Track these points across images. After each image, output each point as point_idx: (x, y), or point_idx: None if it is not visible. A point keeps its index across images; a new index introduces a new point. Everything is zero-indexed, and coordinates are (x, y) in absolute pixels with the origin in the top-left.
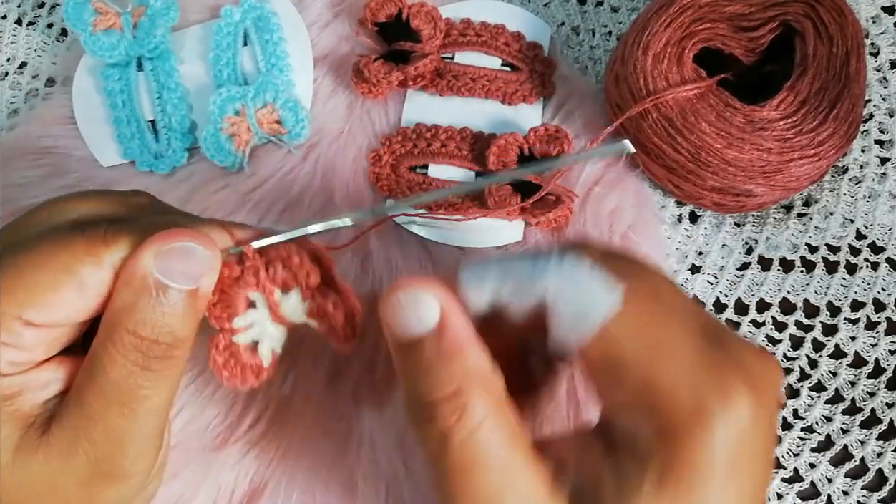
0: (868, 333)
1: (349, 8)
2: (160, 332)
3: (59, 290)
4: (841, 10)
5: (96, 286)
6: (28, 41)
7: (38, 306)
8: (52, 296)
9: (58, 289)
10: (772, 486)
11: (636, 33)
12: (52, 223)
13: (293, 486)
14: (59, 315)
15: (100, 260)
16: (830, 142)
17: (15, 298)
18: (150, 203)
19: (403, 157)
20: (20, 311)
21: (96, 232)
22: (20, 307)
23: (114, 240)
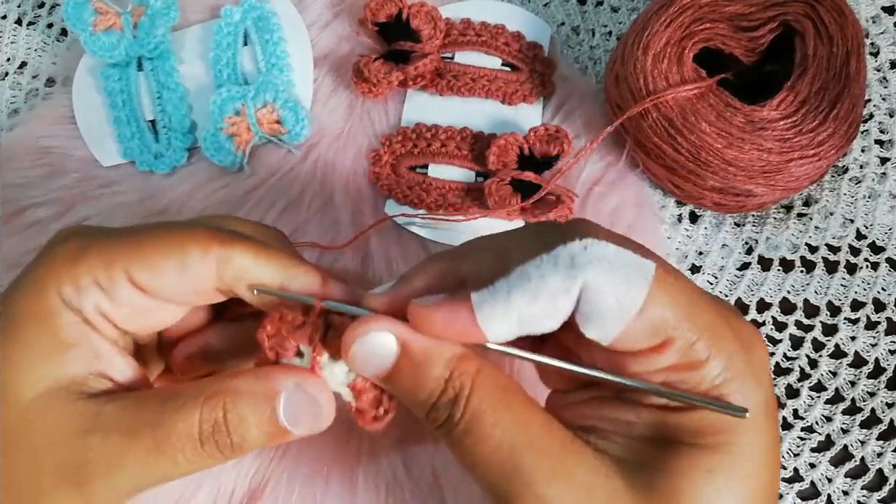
0: (868, 333)
1: (349, 8)
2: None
3: (167, 259)
4: (841, 10)
5: (196, 273)
6: (28, 41)
7: (144, 266)
8: (160, 262)
9: (166, 258)
10: None
11: (636, 33)
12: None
13: (293, 486)
14: (159, 283)
15: (208, 251)
16: (830, 142)
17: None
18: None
19: (403, 157)
20: (128, 264)
21: (218, 230)
22: (129, 261)
23: (229, 243)
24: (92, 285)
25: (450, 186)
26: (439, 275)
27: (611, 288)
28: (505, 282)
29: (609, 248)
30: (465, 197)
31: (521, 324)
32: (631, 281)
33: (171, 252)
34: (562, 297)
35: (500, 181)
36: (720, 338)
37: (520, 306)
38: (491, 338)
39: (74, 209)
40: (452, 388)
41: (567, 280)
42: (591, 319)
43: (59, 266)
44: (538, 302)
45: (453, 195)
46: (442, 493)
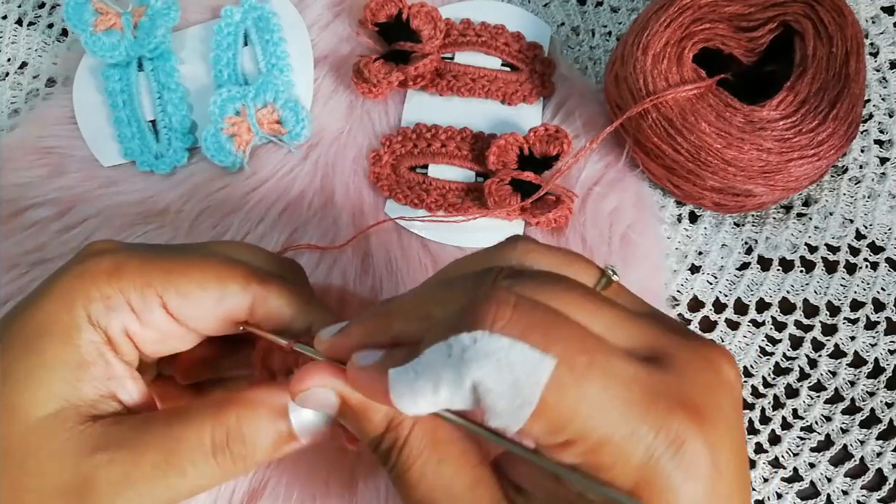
0: (867, 333)
1: (349, 8)
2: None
3: (205, 290)
4: (840, 11)
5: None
6: (29, 41)
7: (181, 293)
8: (198, 292)
9: (205, 289)
10: (771, 486)
11: (636, 33)
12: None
13: (293, 486)
14: (190, 312)
15: (247, 289)
16: (830, 142)
17: (166, 278)
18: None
19: (403, 157)
20: (165, 289)
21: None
22: (165, 286)
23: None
24: (123, 306)
25: (450, 186)
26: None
27: (500, 389)
28: (414, 365)
29: (501, 343)
30: (465, 197)
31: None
32: (521, 383)
33: (209, 284)
34: (458, 393)
35: (499, 181)
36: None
37: (425, 393)
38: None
39: (75, 209)
40: (390, 437)
41: (457, 377)
42: (488, 414)
43: (91, 281)
44: (440, 391)
45: (453, 195)
46: None
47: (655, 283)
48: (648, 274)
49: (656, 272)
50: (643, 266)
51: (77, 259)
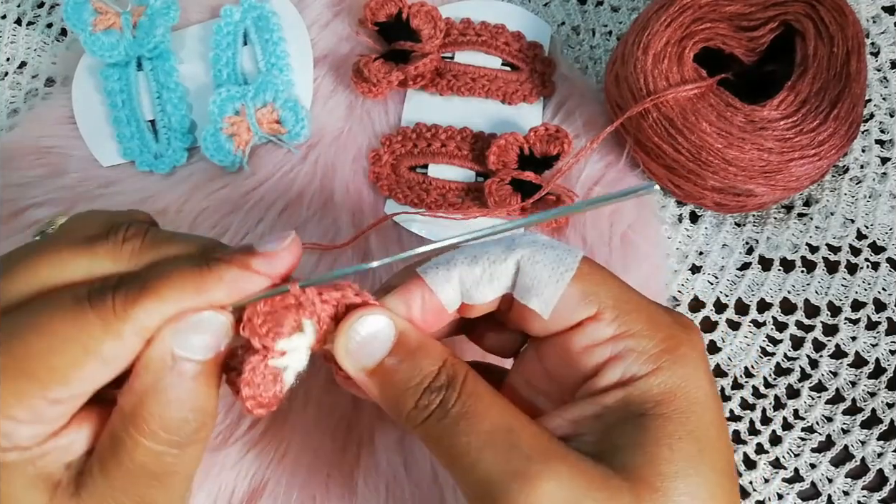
0: (869, 333)
1: (349, 8)
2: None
3: (83, 367)
4: (841, 10)
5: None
6: (28, 41)
7: (63, 384)
8: (77, 373)
9: (82, 367)
10: (772, 486)
11: (636, 33)
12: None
13: (293, 486)
14: (85, 388)
15: (120, 334)
16: (831, 141)
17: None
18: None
19: (403, 157)
20: (44, 391)
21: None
22: (44, 388)
23: (125, 312)
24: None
25: (450, 186)
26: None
27: (545, 259)
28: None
29: (543, 236)
30: (465, 197)
31: (462, 284)
32: (562, 256)
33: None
34: (500, 265)
35: (500, 181)
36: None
37: (460, 266)
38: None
39: (74, 209)
40: (446, 373)
41: (506, 251)
42: (531, 290)
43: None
44: (478, 265)
45: (453, 195)
46: (442, 493)
47: (656, 283)
48: (649, 274)
49: (657, 272)
50: (644, 266)
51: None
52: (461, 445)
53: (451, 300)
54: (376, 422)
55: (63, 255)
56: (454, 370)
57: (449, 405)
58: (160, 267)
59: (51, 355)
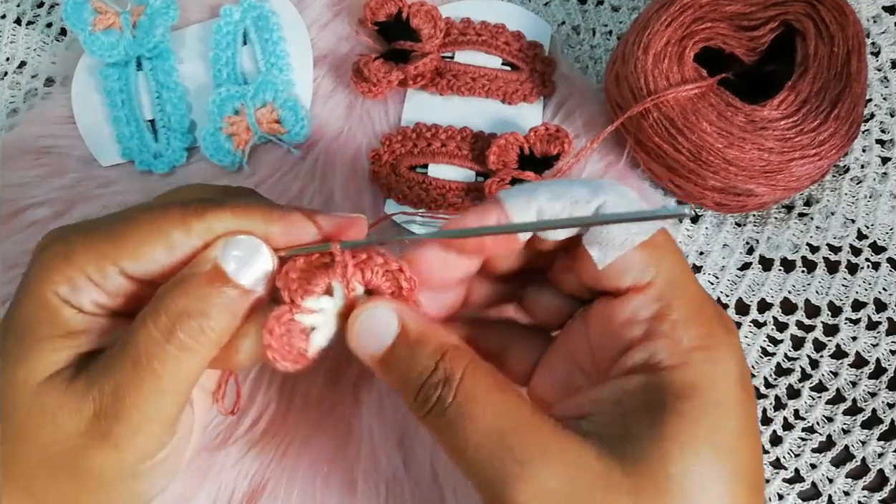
0: (869, 333)
1: (349, 7)
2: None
3: (153, 246)
4: (842, 10)
5: (183, 250)
6: (27, 41)
7: (133, 257)
8: (147, 250)
9: (152, 246)
10: (773, 487)
11: (637, 33)
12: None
13: (293, 486)
14: (149, 268)
15: (189, 228)
16: (831, 141)
17: (116, 248)
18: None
19: (403, 157)
20: (118, 258)
21: (192, 205)
22: (118, 256)
23: (204, 213)
24: (86, 283)
25: (450, 186)
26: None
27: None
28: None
29: (632, 193)
30: (465, 197)
31: (539, 215)
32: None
33: (154, 238)
34: (581, 206)
35: (500, 181)
36: (703, 305)
37: (541, 198)
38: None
39: (74, 209)
40: (443, 368)
41: (591, 193)
42: (598, 239)
43: (50, 271)
44: (559, 201)
45: (453, 195)
46: (442, 493)
47: None
48: None
49: None
50: None
51: (34, 255)
52: (460, 441)
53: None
54: (376, 421)
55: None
56: (452, 366)
57: (445, 404)
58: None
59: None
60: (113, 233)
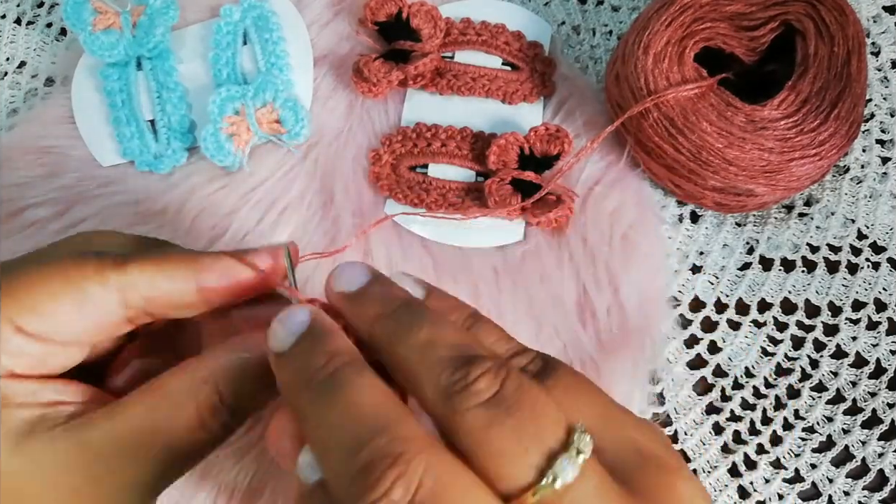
0: (869, 333)
1: (349, 7)
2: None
3: (57, 301)
4: (842, 10)
5: (98, 306)
6: (27, 40)
7: (34, 314)
8: (51, 306)
9: (57, 300)
10: (773, 487)
11: (637, 32)
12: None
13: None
14: (53, 327)
15: (106, 280)
16: (831, 141)
17: (15, 302)
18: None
19: (403, 157)
20: (17, 315)
21: (105, 258)
22: (18, 311)
23: (124, 264)
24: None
25: (450, 186)
26: None
27: None
28: None
29: None
30: (465, 196)
31: None
32: None
33: (63, 291)
34: None
35: (500, 181)
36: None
37: None
38: None
39: (73, 209)
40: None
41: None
42: None
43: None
44: None
45: (453, 195)
46: None
47: (656, 283)
48: (649, 274)
49: (657, 272)
50: (644, 266)
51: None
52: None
53: None
54: None
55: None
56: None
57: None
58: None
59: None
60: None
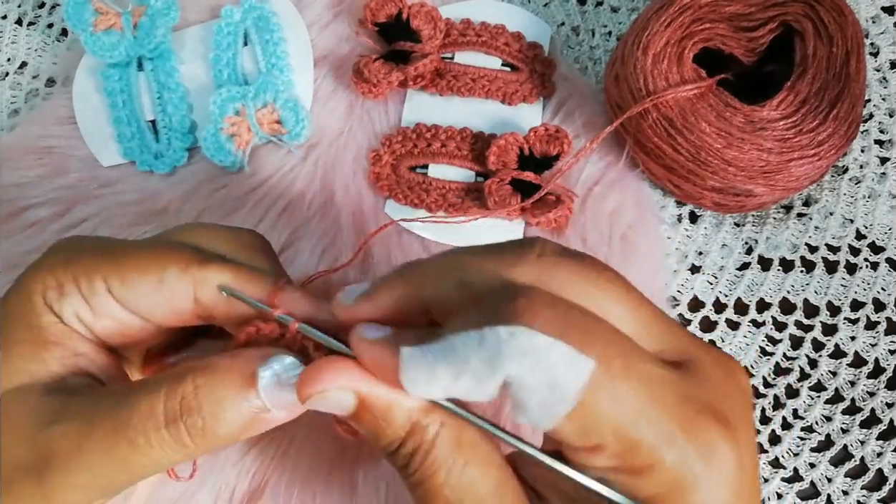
0: (868, 333)
1: (349, 8)
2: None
3: (143, 276)
4: (841, 11)
5: (173, 291)
6: (28, 41)
7: (122, 279)
8: (137, 277)
9: (142, 275)
10: (772, 486)
11: (636, 33)
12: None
13: (293, 485)
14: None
15: (185, 270)
16: (830, 142)
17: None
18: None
19: (403, 157)
20: (108, 275)
21: (199, 253)
22: (109, 273)
23: (207, 264)
24: (74, 292)
25: (450, 186)
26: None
27: (535, 387)
28: (435, 347)
29: (539, 341)
30: (465, 197)
31: (446, 393)
32: (558, 384)
33: (150, 268)
34: (485, 383)
35: (500, 181)
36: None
37: (442, 379)
38: (415, 395)
39: (74, 209)
40: (413, 441)
41: (490, 367)
42: (518, 410)
43: (46, 272)
44: (461, 380)
45: (453, 195)
46: None
47: (655, 283)
48: (648, 274)
49: (656, 272)
50: (643, 266)
51: (43, 254)
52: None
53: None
54: None
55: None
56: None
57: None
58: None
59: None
60: (115, 253)
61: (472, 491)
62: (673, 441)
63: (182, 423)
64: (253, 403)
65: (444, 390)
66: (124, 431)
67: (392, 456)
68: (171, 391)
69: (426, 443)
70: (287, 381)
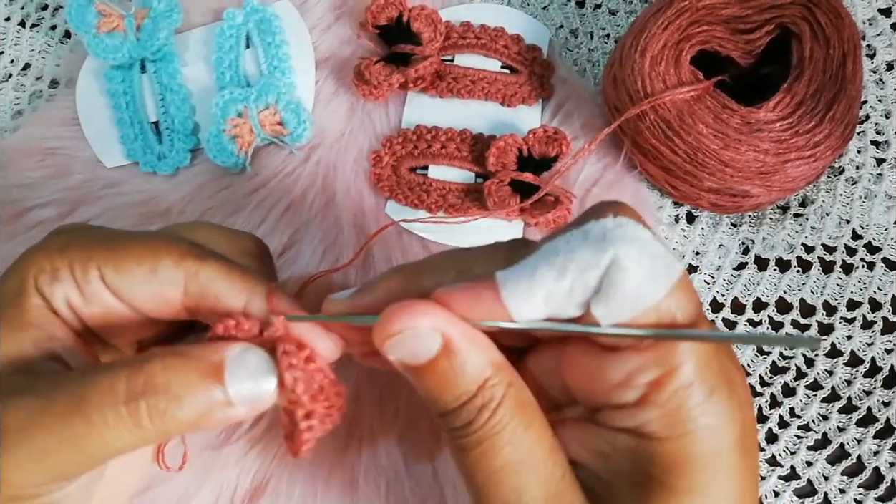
0: (864, 332)
1: (350, 11)
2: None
3: (137, 264)
4: (837, 13)
5: (164, 281)
6: (32, 43)
7: (116, 267)
8: (130, 266)
9: (137, 264)
10: (769, 484)
11: (634, 36)
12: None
13: (294, 484)
14: (124, 285)
15: (180, 265)
16: (827, 143)
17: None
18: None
19: (404, 159)
20: (102, 263)
21: (195, 248)
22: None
23: (202, 260)
24: (67, 277)
25: (450, 187)
26: (400, 287)
27: (637, 271)
28: (532, 257)
29: (645, 233)
30: (464, 198)
31: (548, 301)
32: (657, 273)
33: (144, 257)
34: (591, 272)
35: (499, 182)
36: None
37: (546, 282)
38: (516, 316)
39: (78, 210)
40: (483, 396)
41: (597, 252)
42: (606, 297)
43: (44, 254)
44: (566, 277)
45: (453, 196)
46: (442, 492)
47: None
48: None
49: None
50: None
51: (43, 238)
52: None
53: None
54: (377, 419)
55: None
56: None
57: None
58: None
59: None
60: (113, 240)
61: (533, 453)
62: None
63: (143, 401)
64: (216, 393)
65: (547, 296)
66: (80, 406)
67: (452, 414)
68: (134, 370)
69: (495, 400)
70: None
